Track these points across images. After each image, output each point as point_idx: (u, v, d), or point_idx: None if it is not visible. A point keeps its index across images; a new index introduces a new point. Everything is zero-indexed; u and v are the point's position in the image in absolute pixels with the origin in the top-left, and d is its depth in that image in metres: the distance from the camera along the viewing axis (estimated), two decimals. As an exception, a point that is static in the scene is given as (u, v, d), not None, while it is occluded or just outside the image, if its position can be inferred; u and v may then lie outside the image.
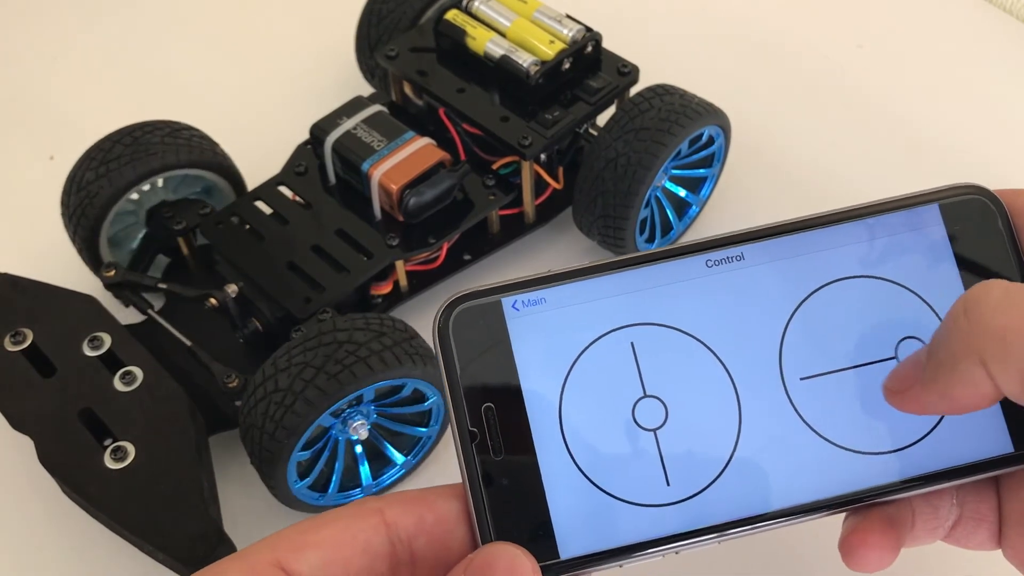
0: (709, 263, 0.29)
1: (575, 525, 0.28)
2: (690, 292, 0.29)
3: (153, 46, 0.71)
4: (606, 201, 0.51)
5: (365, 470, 0.47)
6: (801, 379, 0.29)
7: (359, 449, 0.47)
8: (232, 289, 0.49)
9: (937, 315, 0.29)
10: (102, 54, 0.71)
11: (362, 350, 0.43)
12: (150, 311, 0.50)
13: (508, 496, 0.27)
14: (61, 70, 0.70)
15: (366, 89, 0.61)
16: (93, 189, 0.50)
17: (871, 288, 0.29)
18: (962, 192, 0.30)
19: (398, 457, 0.48)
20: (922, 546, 0.30)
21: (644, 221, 0.54)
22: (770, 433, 0.29)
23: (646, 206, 0.52)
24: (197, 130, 0.54)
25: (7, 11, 0.74)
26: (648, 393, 0.29)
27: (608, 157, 0.51)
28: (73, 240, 0.52)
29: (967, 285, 0.29)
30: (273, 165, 0.55)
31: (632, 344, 0.29)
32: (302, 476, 0.45)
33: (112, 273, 0.51)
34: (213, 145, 0.54)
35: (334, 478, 0.47)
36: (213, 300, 0.49)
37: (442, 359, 0.28)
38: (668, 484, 0.28)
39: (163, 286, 0.50)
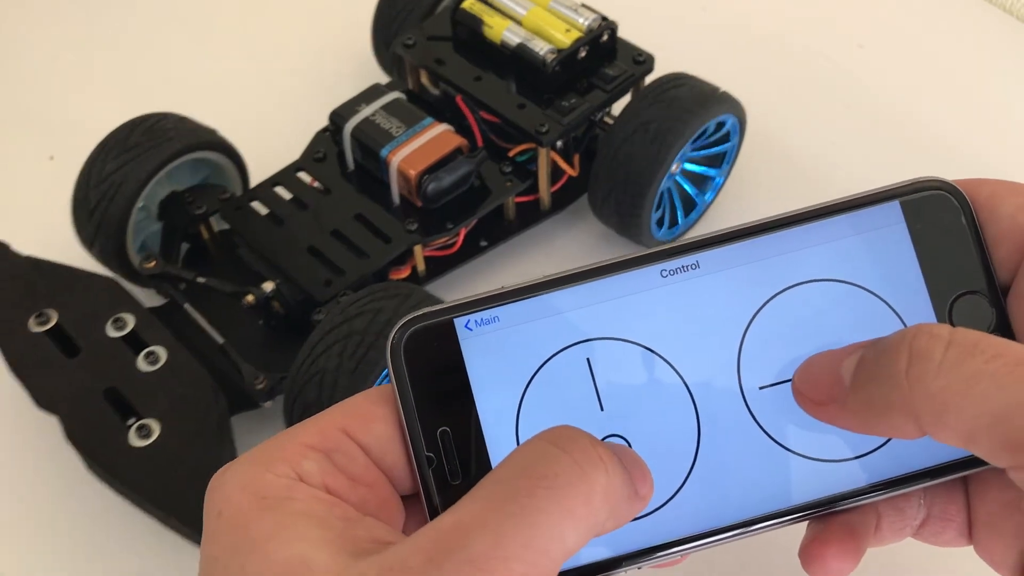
0: (664, 273, 0.28)
1: None
2: (645, 303, 0.28)
3: (168, 36, 0.71)
4: (622, 189, 0.52)
5: None
6: (760, 388, 0.28)
7: None
8: (268, 286, 0.49)
9: (900, 318, 0.28)
10: (109, 51, 0.70)
11: (420, 297, 0.44)
12: (187, 305, 0.50)
13: None
14: (61, 69, 0.70)
15: (382, 78, 0.62)
16: (117, 179, 0.49)
17: (830, 292, 0.29)
18: (923, 187, 0.29)
19: None
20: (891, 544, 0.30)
21: (658, 209, 0.54)
22: (729, 444, 0.28)
23: (659, 198, 0.53)
24: (174, 114, 0.53)
25: (7, 10, 0.74)
26: (605, 409, 0.28)
27: (624, 145, 0.51)
28: (92, 243, 0.50)
29: (930, 285, 0.28)
30: (292, 152, 0.56)
31: (588, 360, 0.28)
32: None
33: (153, 264, 0.51)
34: (197, 126, 0.53)
35: None
36: (250, 298, 0.49)
37: (395, 383, 0.27)
38: None
39: (202, 280, 0.50)
